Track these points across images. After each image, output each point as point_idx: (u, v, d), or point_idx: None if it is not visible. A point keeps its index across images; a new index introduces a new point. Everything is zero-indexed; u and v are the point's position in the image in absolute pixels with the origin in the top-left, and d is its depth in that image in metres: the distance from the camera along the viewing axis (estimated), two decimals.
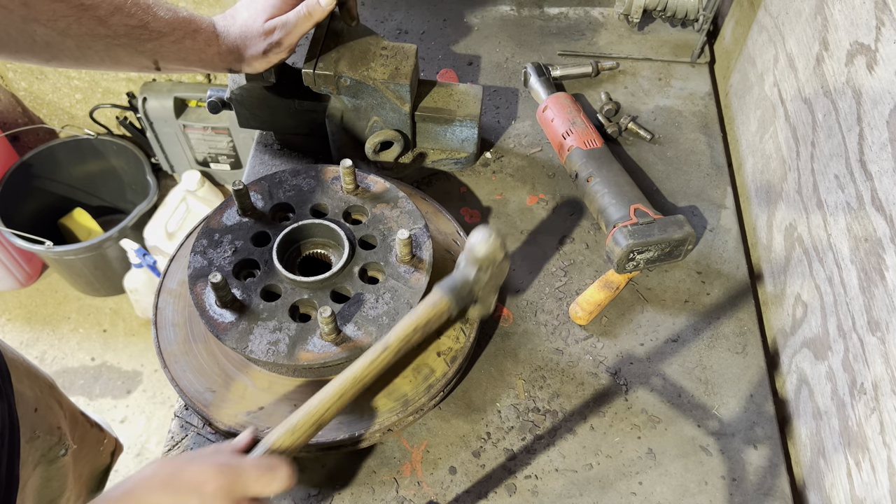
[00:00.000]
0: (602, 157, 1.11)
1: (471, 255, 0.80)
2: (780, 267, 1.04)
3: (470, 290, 0.81)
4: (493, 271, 0.81)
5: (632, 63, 1.35)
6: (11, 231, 2.24)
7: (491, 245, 0.79)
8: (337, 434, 0.86)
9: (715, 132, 1.25)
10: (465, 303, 0.82)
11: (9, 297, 2.56)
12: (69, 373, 2.38)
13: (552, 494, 0.88)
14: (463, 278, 0.81)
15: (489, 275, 0.81)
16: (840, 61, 0.89)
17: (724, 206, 1.15)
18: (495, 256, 0.79)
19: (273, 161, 1.22)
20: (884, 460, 0.74)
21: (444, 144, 1.17)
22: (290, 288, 0.88)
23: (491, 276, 0.81)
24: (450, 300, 0.80)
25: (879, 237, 0.77)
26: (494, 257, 0.79)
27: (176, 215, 2.30)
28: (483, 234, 0.79)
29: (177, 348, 0.93)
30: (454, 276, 0.81)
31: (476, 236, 0.79)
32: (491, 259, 0.79)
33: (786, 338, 1.01)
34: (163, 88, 2.34)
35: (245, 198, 0.93)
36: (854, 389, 0.81)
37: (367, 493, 0.89)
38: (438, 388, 0.90)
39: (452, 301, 0.80)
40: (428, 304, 0.80)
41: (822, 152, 0.93)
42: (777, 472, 0.90)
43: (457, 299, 0.80)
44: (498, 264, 0.81)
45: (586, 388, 0.97)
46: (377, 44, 1.10)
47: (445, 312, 0.80)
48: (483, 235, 0.79)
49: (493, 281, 0.82)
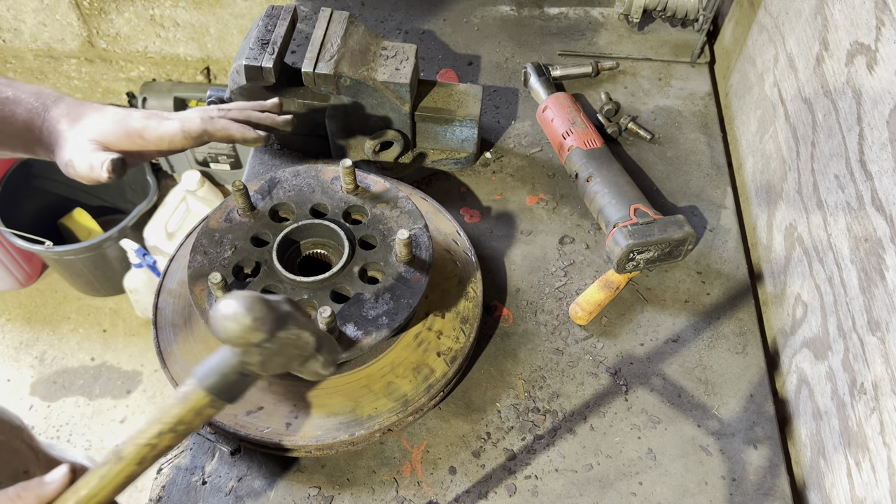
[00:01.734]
0: (602, 157, 1.11)
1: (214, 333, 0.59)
2: (780, 267, 1.04)
3: (240, 374, 0.60)
4: (266, 350, 0.59)
5: (632, 63, 1.35)
6: (11, 231, 2.24)
7: (237, 324, 0.56)
8: (337, 434, 0.86)
9: (715, 132, 1.25)
10: (239, 389, 0.61)
11: (9, 297, 2.56)
12: (69, 373, 2.38)
13: (552, 494, 0.88)
14: (223, 363, 0.60)
15: (261, 356, 0.59)
16: (840, 61, 0.89)
17: (724, 206, 1.15)
18: (248, 339, 0.57)
19: (273, 161, 1.22)
20: (884, 460, 0.74)
21: (444, 144, 1.17)
22: (289, 288, 0.88)
23: (268, 356, 0.59)
24: (206, 392, 0.60)
25: (879, 237, 0.77)
26: (247, 339, 0.57)
27: (176, 215, 2.30)
28: (228, 305, 0.57)
29: (177, 348, 0.93)
30: (210, 361, 0.60)
31: (219, 307, 0.57)
32: (244, 341, 0.57)
33: (786, 338, 1.01)
34: (163, 88, 2.34)
35: (245, 198, 0.93)
36: (854, 389, 0.81)
37: (367, 493, 0.89)
38: (438, 388, 0.90)
39: (210, 392, 0.60)
40: (179, 396, 0.60)
41: (822, 152, 0.93)
42: (777, 472, 0.90)
43: (220, 389, 0.60)
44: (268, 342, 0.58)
45: (586, 388, 0.97)
46: (377, 44, 1.10)
47: (207, 407, 0.60)
48: (227, 308, 0.57)
49: (279, 358, 0.60)
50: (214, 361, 0.60)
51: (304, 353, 0.62)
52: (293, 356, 0.61)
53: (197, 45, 2.24)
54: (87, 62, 2.34)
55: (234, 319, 0.56)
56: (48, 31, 2.22)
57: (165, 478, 0.89)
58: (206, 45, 2.23)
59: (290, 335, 0.60)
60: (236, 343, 0.58)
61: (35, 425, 2.28)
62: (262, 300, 0.57)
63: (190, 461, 0.91)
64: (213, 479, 0.89)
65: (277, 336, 0.58)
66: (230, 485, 0.89)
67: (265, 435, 0.86)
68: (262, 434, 0.86)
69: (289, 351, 0.60)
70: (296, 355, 0.61)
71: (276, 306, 0.59)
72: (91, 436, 2.25)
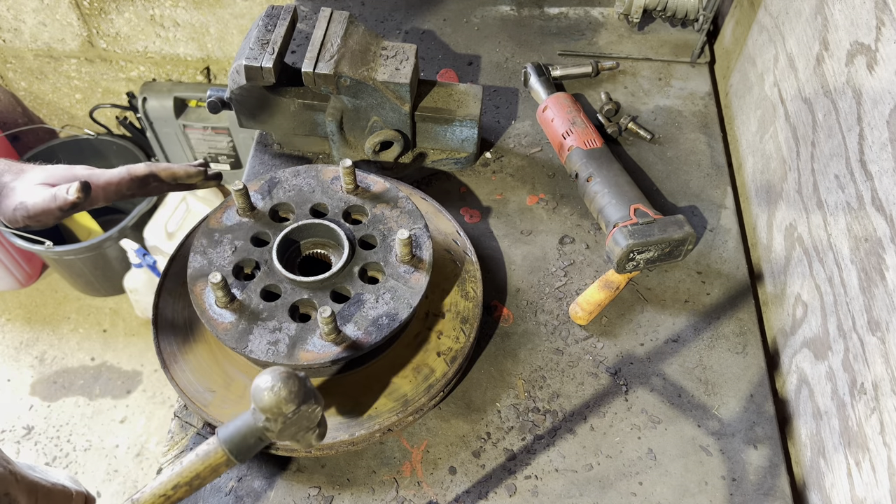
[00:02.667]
0: (602, 157, 1.11)
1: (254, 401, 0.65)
2: (780, 267, 1.04)
3: (258, 439, 0.67)
4: (288, 420, 0.65)
5: (632, 63, 1.35)
6: (11, 231, 2.24)
7: (275, 395, 0.63)
8: (337, 434, 0.86)
9: (715, 132, 1.25)
10: (252, 452, 0.68)
11: (9, 297, 2.56)
12: (69, 373, 2.38)
13: (552, 494, 0.88)
14: (246, 427, 0.66)
15: (282, 425, 0.65)
16: (840, 61, 0.89)
17: (724, 206, 1.15)
18: (281, 409, 0.64)
19: (273, 161, 1.22)
20: (884, 460, 0.74)
21: (444, 144, 1.17)
22: (289, 288, 0.88)
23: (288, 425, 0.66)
24: (227, 452, 0.66)
25: (879, 237, 0.77)
26: (280, 409, 0.64)
27: (176, 215, 2.30)
28: (267, 380, 0.64)
29: (177, 348, 0.93)
30: (236, 424, 0.67)
31: (259, 381, 0.64)
32: (277, 410, 0.64)
33: (786, 338, 1.01)
34: (163, 88, 2.34)
35: (245, 198, 0.93)
36: (854, 389, 0.81)
37: (367, 493, 0.89)
38: (438, 388, 0.90)
39: (231, 453, 0.66)
40: (200, 454, 0.67)
41: (822, 152, 0.93)
42: (777, 472, 0.90)
43: (238, 450, 0.66)
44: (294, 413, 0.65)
45: (586, 388, 0.97)
46: (377, 44, 1.10)
47: (223, 465, 0.67)
48: (266, 382, 0.63)
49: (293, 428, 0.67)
50: (239, 424, 0.67)
51: (310, 426, 0.67)
52: (303, 427, 0.67)
53: (197, 45, 2.24)
54: (87, 62, 2.34)
55: (273, 391, 0.63)
56: (48, 31, 2.22)
57: None
58: (206, 45, 2.23)
59: (309, 409, 0.66)
60: (269, 412, 0.64)
61: (35, 425, 2.28)
62: (296, 377, 0.65)
63: None
64: None
65: (301, 409, 0.65)
66: (230, 485, 0.89)
67: None
68: None
69: (302, 423, 0.66)
70: (305, 427, 0.67)
71: (305, 383, 0.65)
72: (91, 436, 2.25)
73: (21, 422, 2.29)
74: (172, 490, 0.66)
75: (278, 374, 0.64)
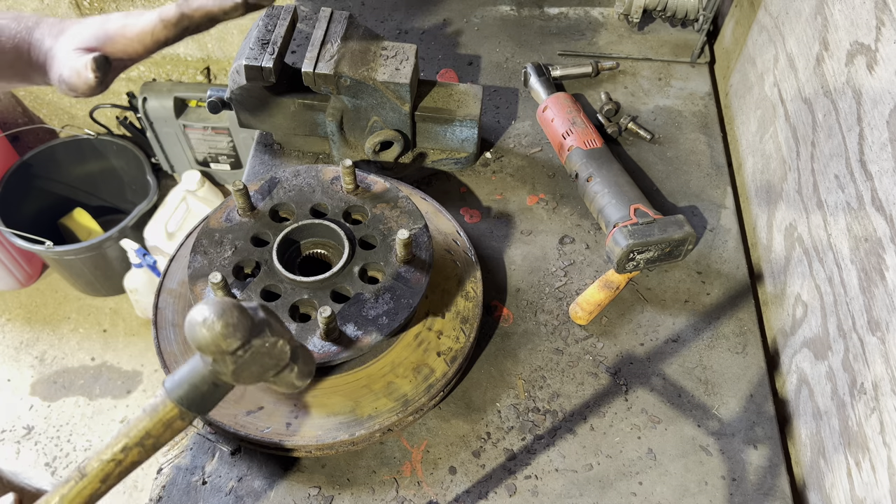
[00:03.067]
0: (602, 157, 1.11)
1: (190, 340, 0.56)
2: (780, 267, 1.05)
3: (212, 384, 0.58)
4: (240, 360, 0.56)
5: (632, 63, 1.35)
6: (11, 231, 2.24)
7: (209, 331, 0.54)
8: (337, 434, 0.86)
9: (715, 132, 1.25)
10: (211, 401, 0.59)
11: (9, 297, 2.56)
12: (69, 373, 2.38)
13: (552, 494, 0.88)
14: (194, 373, 0.58)
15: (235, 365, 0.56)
16: (840, 61, 0.89)
17: (724, 206, 1.15)
18: (221, 346, 0.55)
19: (273, 161, 1.22)
20: (884, 460, 0.74)
21: (444, 144, 1.17)
22: (289, 288, 0.88)
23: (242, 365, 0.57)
24: (175, 403, 0.58)
25: (879, 237, 0.77)
26: (220, 347, 0.55)
27: (176, 215, 2.30)
28: (200, 312, 0.55)
29: (177, 348, 0.93)
30: (182, 371, 0.59)
31: (191, 314, 0.55)
32: (217, 349, 0.55)
33: (786, 338, 1.01)
34: (163, 88, 2.34)
35: (245, 198, 0.93)
36: (854, 389, 0.81)
37: (367, 493, 0.89)
38: (438, 388, 0.90)
39: (182, 404, 0.58)
40: (147, 409, 0.58)
41: (822, 152, 0.93)
42: (777, 472, 0.90)
43: (191, 401, 0.58)
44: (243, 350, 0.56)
45: (586, 388, 0.97)
46: (377, 44, 1.10)
47: (177, 419, 0.58)
48: (199, 316, 0.55)
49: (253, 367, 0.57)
50: (185, 371, 0.58)
51: (279, 364, 0.59)
52: (268, 366, 0.58)
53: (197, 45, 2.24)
54: None
55: (206, 326, 0.54)
56: None
57: (165, 478, 0.89)
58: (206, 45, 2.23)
59: (265, 344, 0.57)
60: (209, 351, 0.55)
61: (35, 425, 2.28)
62: (236, 306, 0.55)
63: (190, 461, 0.91)
64: (214, 479, 0.89)
65: (252, 344, 0.56)
66: (230, 485, 0.89)
67: (265, 435, 0.86)
68: (262, 434, 0.86)
69: (263, 360, 0.57)
70: (270, 365, 0.58)
71: (252, 313, 0.57)
72: (91, 436, 2.25)
73: (21, 422, 2.29)
74: (122, 453, 0.57)
75: (213, 304, 0.55)
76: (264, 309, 0.59)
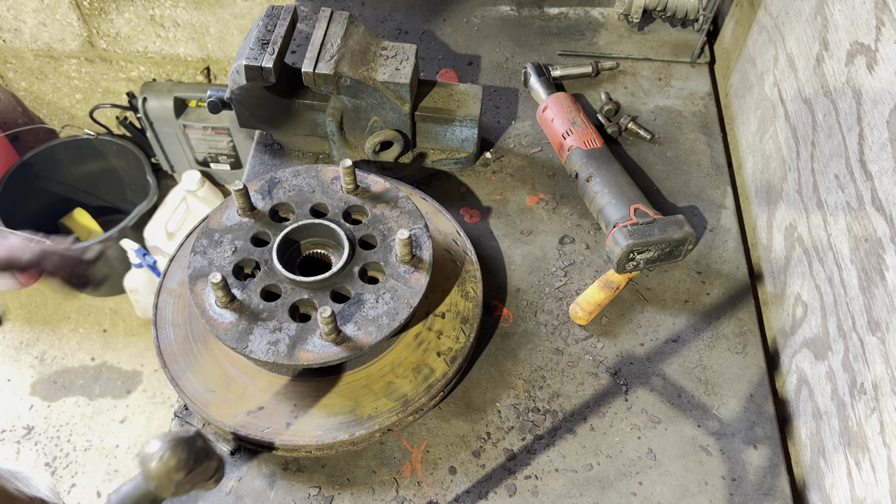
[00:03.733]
0: (602, 157, 1.11)
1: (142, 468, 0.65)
2: (780, 267, 1.04)
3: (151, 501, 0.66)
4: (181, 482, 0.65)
5: (632, 63, 1.35)
6: (11, 231, 2.24)
7: (163, 465, 0.63)
8: (337, 434, 0.86)
9: (715, 132, 1.25)
10: None
11: (9, 297, 2.56)
12: (69, 373, 2.38)
13: (552, 494, 0.88)
14: (135, 492, 0.65)
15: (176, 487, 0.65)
16: (840, 61, 0.89)
17: (724, 206, 1.15)
18: (171, 477, 0.64)
19: (273, 161, 1.22)
20: (884, 460, 0.74)
21: (444, 144, 1.17)
22: (289, 288, 0.88)
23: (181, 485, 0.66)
24: None
25: (879, 237, 0.77)
26: (170, 477, 0.64)
27: (176, 215, 2.30)
28: (155, 447, 0.64)
29: (177, 348, 0.93)
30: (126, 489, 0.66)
31: (148, 448, 0.65)
32: (167, 479, 0.64)
33: (786, 338, 1.01)
34: (163, 88, 2.34)
35: (245, 198, 0.93)
36: (854, 389, 0.81)
37: (367, 493, 0.89)
38: (438, 388, 0.90)
39: None
40: None
41: (822, 152, 0.93)
42: (777, 472, 0.90)
43: None
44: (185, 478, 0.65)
45: (586, 388, 0.97)
46: (377, 44, 1.10)
47: None
48: (154, 449, 0.64)
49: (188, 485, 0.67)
50: (129, 490, 0.66)
51: (206, 477, 0.68)
52: (198, 482, 0.67)
53: (197, 46, 2.24)
54: (88, 62, 2.34)
55: (160, 461, 0.63)
56: (48, 31, 2.22)
57: None
58: (207, 45, 2.23)
59: (203, 468, 0.66)
60: (158, 479, 0.64)
61: (35, 425, 2.28)
62: (185, 443, 0.65)
63: None
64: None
65: (194, 472, 0.65)
66: (230, 485, 0.89)
67: (265, 435, 0.86)
68: (262, 434, 0.86)
69: (197, 479, 0.66)
70: (200, 481, 0.67)
71: (197, 445, 0.66)
72: (91, 436, 2.25)
73: (21, 422, 2.29)
74: None
75: (167, 440, 0.64)
76: (200, 436, 0.68)
